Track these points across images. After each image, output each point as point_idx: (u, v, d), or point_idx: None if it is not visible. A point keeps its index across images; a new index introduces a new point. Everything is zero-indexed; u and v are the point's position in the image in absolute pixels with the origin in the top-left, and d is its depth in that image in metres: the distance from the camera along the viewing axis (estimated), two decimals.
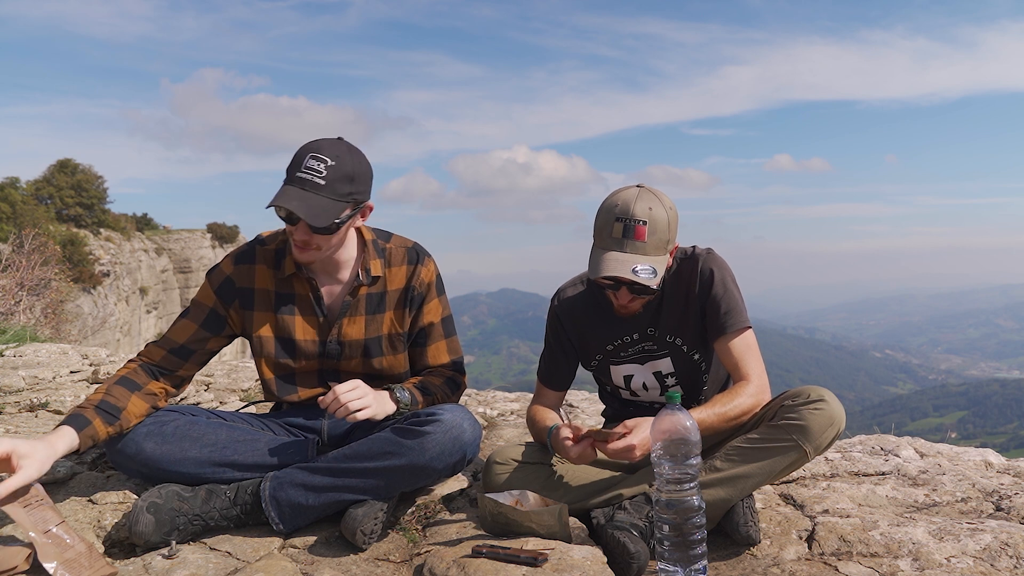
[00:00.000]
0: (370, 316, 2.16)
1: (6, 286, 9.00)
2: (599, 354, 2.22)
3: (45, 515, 1.72)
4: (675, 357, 2.15)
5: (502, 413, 3.63)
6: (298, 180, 1.91)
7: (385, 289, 2.17)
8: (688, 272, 2.09)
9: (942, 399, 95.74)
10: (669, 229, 1.94)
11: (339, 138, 2.01)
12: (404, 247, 2.21)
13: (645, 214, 1.91)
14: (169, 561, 1.73)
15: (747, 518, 1.88)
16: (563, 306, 2.24)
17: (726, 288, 2.05)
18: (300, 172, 1.92)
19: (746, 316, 2.04)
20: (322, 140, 1.98)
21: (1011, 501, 2.18)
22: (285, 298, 2.13)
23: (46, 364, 3.91)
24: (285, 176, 1.94)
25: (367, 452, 1.93)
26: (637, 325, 2.14)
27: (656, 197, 1.95)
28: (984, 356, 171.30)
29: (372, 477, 1.91)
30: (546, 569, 1.63)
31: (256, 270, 2.14)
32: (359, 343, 2.16)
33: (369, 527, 1.86)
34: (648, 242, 1.91)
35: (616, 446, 1.79)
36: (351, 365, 2.18)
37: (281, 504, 1.91)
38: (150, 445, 1.96)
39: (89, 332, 16.88)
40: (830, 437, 1.87)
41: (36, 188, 31.54)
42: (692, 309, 2.09)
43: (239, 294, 2.13)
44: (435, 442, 1.91)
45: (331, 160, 1.92)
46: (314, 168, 1.91)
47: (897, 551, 1.81)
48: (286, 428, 2.21)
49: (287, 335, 2.13)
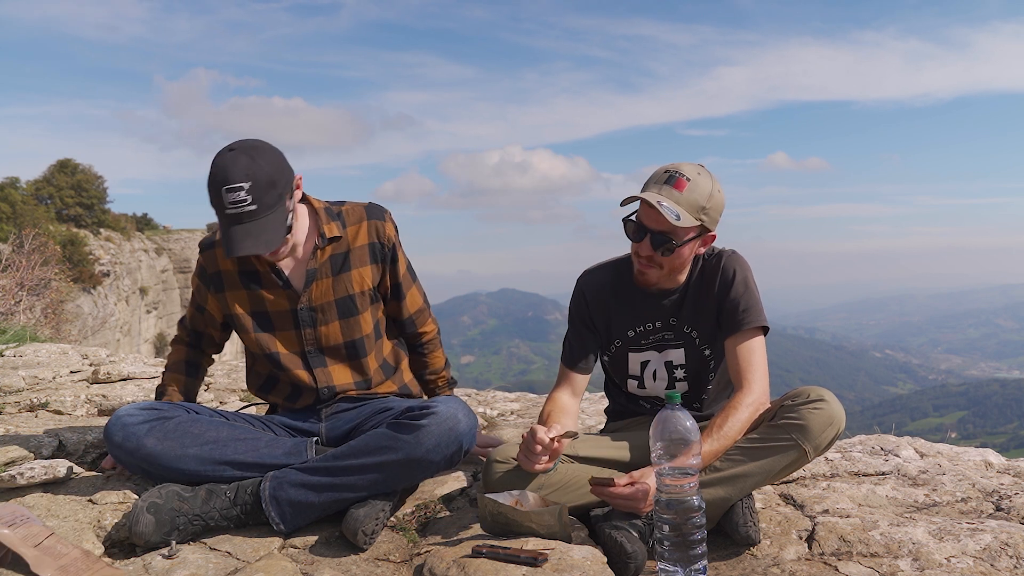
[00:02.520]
0: (336, 277, 2.18)
1: (6, 286, 9.00)
2: (619, 339, 2.22)
3: (32, 531, 1.71)
4: (688, 349, 2.17)
5: (502, 413, 3.63)
6: (232, 218, 1.93)
7: (349, 248, 2.19)
8: (711, 269, 2.12)
9: (942, 399, 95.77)
10: (710, 198, 1.98)
11: (230, 149, 1.95)
12: (360, 206, 2.24)
13: (692, 173, 1.98)
14: (169, 561, 1.73)
15: (747, 518, 1.88)
16: (588, 284, 2.25)
17: (747, 287, 2.07)
18: (228, 210, 1.92)
19: (764, 316, 2.06)
20: (223, 163, 1.92)
21: (1011, 501, 2.18)
22: (249, 275, 2.19)
23: (46, 364, 3.92)
24: (217, 215, 1.96)
25: (364, 448, 1.94)
26: (661, 314, 2.16)
27: (710, 174, 2.01)
28: (984, 356, 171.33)
29: (370, 473, 1.92)
30: (546, 569, 1.63)
31: (216, 254, 2.22)
32: (330, 304, 2.18)
33: (370, 527, 1.86)
34: (684, 195, 1.95)
35: (623, 491, 1.80)
36: (331, 331, 2.19)
37: (281, 503, 1.91)
38: (151, 441, 1.97)
39: (89, 332, 16.88)
40: (830, 437, 1.87)
41: (36, 188, 31.53)
42: (710, 305, 2.11)
43: (212, 280, 2.23)
44: (431, 434, 1.92)
45: (245, 183, 1.90)
46: (237, 200, 1.90)
47: (897, 551, 1.81)
48: (285, 430, 2.22)
49: (260, 308, 2.20)
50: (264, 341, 2.20)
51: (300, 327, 2.18)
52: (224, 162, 1.92)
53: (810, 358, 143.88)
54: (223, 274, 2.21)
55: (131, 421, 2.00)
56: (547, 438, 1.86)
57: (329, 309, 2.18)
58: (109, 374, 3.70)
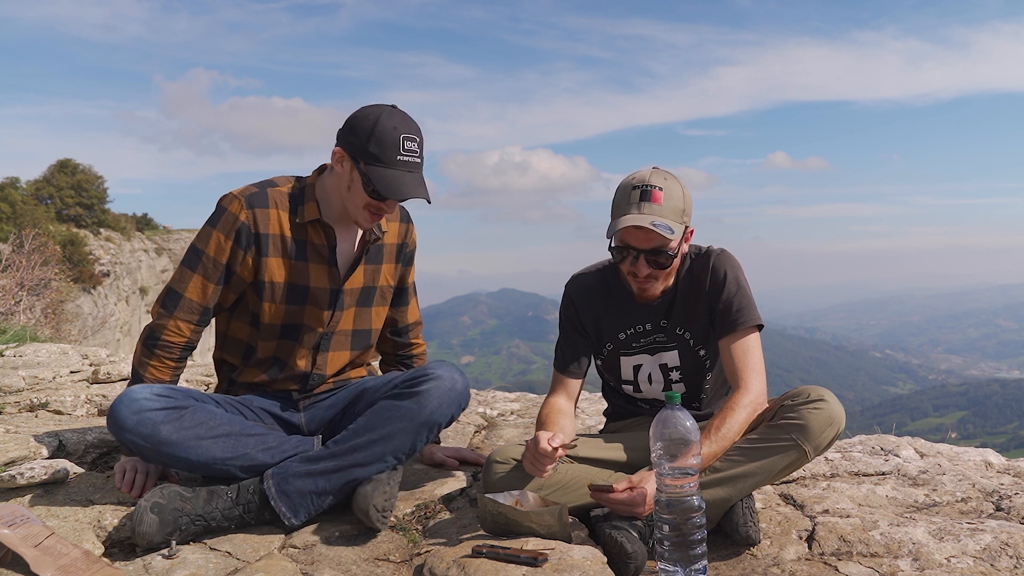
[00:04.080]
0: (371, 267, 2.21)
1: (6, 286, 9.00)
2: (610, 343, 2.22)
3: (32, 531, 1.71)
4: (682, 351, 2.17)
5: (502, 413, 3.63)
6: (406, 165, 1.98)
7: (383, 242, 2.23)
8: (700, 269, 2.12)
9: (942, 399, 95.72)
10: (684, 200, 2.01)
11: (393, 106, 2.04)
12: (396, 204, 2.22)
13: (661, 182, 1.99)
14: (169, 561, 1.73)
15: (747, 518, 1.88)
16: (577, 289, 2.26)
17: (739, 286, 2.08)
18: (404, 157, 1.98)
19: (758, 314, 2.07)
20: (399, 115, 2.00)
21: (1011, 501, 2.18)
22: (300, 244, 2.10)
23: (46, 364, 3.91)
24: (382, 160, 1.96)
25: (368, 426, 1.98)
26: (651, 316, 2.16)
27: (671, 174, 2.03)
28: (984, 356, 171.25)
29: (378, 446, 1.97)
30: (546, 569, 1.63)
31: (270, 215, 2.07)
32: (358, 290, 2.19)
33: (381, 502, 1.90)
34: (664, 206, 1.97)
35: (621, 496, 1.80)
36: (347, 316, 2.20)
37: (291, 496, 1.93)
38: (167, 429, 1.91)
39: (89, 332, 16.87)
40: (830, 437, 1.87)
41: (36, 188, 31.52)
42: (702, 306, 2.11)
43: (253, 240, 2.05)
44: (433, 397, 2.00)
45: (418, 137, 2.01)
46: (412, 149, 1.99)
47: (897, 551, 1.81)
48: (270, 416, 2.18)
49: (301, 282, 2.12)
50: (292, 314, 2.12)
51: (333, 308, 2.16)
52: (401, 115, 2.00)
53: (810, 358, 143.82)
54: (270, 237, 2.06)
55: (148, 406, 1.91)
56: (550, 447, 1.85)
57: (355, 294, 2.19)
58: (109, 374, 3.69)
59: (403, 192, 1.97)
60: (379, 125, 1.96)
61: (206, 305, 2.07)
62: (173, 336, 2.07)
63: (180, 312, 2.06)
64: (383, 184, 1.95)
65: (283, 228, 2.08)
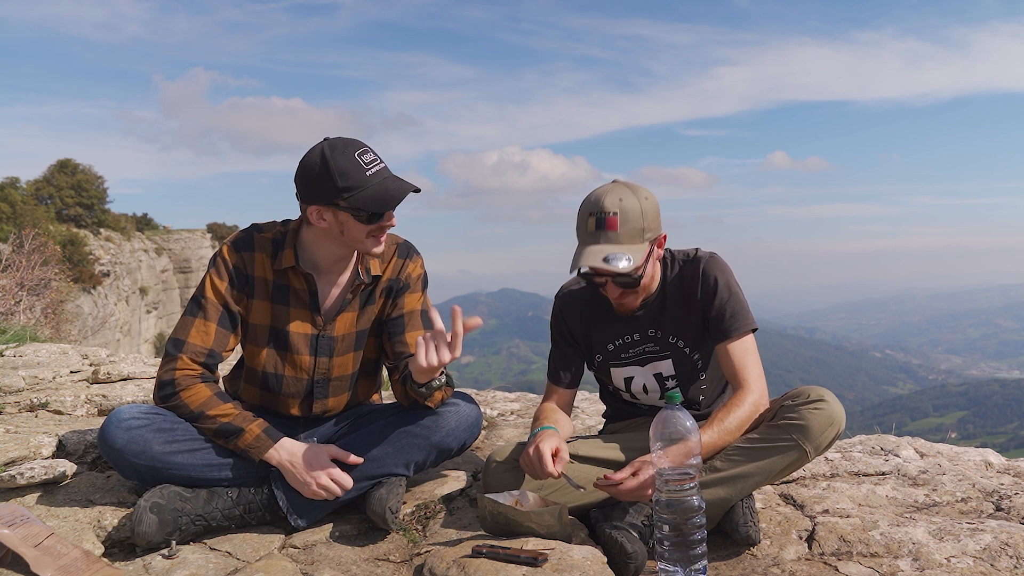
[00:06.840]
0: (362, 310, 2.17)
1: (6, 286, 9.00)
2: (599, 354, 2.22)
3: (32, 531, 1.71)
4: (676, 359, 2.16)
5: (502, 413, 3.63)
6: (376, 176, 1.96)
7: (376, 283, 2.18)
8: (690, 275, 2.10)
9: (942, 399, 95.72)
10: (643, 217, 1.96)
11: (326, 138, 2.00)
12: (395, 243, 2.21)
13: (615, 206, 1.94)
14: (169, 561, 1.73)
15: (747, 518, 1.88)
16: (565, 301, 2.26)
17: (731, 292, 2.06)
18: (368, 169, 1.96)
19: (752, 318, 2.07)
20: (339, 141, 1.97)
21: (1011, 501, 2.18)
22: (282, 289, 2.11)
23: (46, 364, 3.91)
24: (357, 186, 1.93)
25: (382, 437, 2.03)
26: (639, 325, 2.15)
27: (629, 188, 1.98)
28: (984, 356, 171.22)
29: (391, 458, 2.01)
30: (546, 569, 1.63)
31: (256, 258, 2.10)
32: (351, 336, 2.16)
33: (396, 504, 1.94)
34: (621, 232, 1.94)
35: (628, 485, 1.79)
36: (344, 361, 2.18)
37: (299, 500, 1.95)
38: (158, 444, 1.90)
39: (89, 332, 16.88)
40: (830, 437, 1.87)
41: (36, 188, 31.54)
42: (693, 312, 2.10)
43: (244, 282, 2.09)
44: (451, 419, 2.05)
45: (369, 146, 1.99)
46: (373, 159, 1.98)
47: (897, 551, 1.81)
48: None
49: (282, 326, 2.11)
50: (274, 360, 2.13)
51: (316, 354, 2.14)
52: (340, 140, 1.98)
53: (810, 358, 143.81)
54: (256, 280, 2.10)
55: (136, 424, 1.91)
56: (550, 464, 1.88)
57: (349, 339, 2.16)
58: (109, 374, 3.69)
59: (393, 198, 1.95)
60: (332, 161, 1.92)
61: (211, 348, 2.01)
62: (186, 370, 1.98)
63: (185, 353, 2.00)
64: (373, 203, 1.93)
65: (267, 272, 2.10)
